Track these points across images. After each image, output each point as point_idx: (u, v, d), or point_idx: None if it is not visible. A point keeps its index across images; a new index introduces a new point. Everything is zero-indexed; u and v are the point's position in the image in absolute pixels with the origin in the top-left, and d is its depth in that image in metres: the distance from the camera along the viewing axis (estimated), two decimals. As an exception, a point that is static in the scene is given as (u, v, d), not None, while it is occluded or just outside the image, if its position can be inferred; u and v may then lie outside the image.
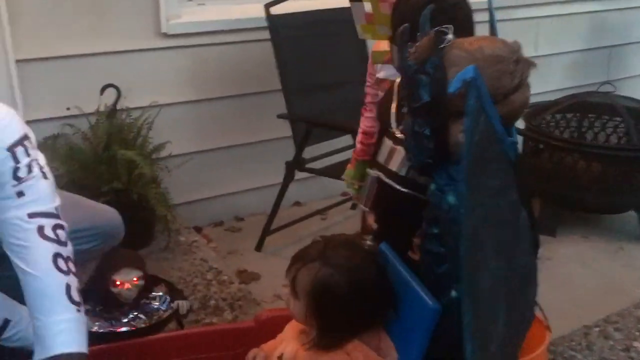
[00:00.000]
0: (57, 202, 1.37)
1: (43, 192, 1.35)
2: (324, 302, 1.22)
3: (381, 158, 1.52)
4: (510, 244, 1.19)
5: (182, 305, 1.77)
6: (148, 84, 2.56)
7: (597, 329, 2.15)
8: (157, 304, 1.76)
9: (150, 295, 1.78)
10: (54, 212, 1.36)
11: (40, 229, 1.31)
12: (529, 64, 1.17)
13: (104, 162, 2.32)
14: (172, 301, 1.78)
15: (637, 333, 2.12)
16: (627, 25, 3.88)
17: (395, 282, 1.30)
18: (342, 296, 1.21)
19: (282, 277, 2.03)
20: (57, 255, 1.31)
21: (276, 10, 2.51)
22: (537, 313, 1.46)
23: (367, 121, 1.90)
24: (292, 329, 1.35)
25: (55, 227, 1.33)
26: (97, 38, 2.43)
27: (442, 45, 1.16)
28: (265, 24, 2.54)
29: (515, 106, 1.16)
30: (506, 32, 1.29)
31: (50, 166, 2.15)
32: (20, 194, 1.31)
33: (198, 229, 2.82)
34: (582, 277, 2.52)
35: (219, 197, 2.93)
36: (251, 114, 2.84)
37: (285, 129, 2.56)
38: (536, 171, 2.87)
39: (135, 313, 1.72)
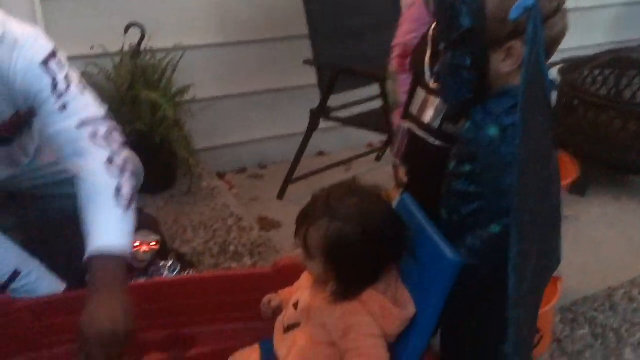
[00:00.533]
0: (104, 108, 1.36)
1: (87, 100, 1.34)
2: (340, 256, 1.19)
3: (414, 109, 1.47)
4: (545, 184, 1.16)
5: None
6: (173, 25, 2.51)
7: (622, 290, 2.10)
8: (166, 272, 1.76)
9: (160, 264, 1.78)
10: (103, 116, 1.34)
11: (92, 137, 1.31)
12: None
13: (127, 103, 2.30)
14: (182, 270, 1.78)
15: (664, 297, 2.08)
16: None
17: (416, 234, 1.26)
18: (357, 245, 1.17)
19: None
20: (110, 160, 1.31)
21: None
22: None
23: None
24: (307, 277, 1.34)
25: (107, 132, 1.32)
26: (121, -25, 2.38)
27: None
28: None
29: (554, 33, 1.13)
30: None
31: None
32: (63, 107, 1.30)
33: (221, 175, 2.81)
34: (610, 239, 2.46)
35: (242, 144, 2.91)
36: (277, 59, 2.78)
37: (311, 76, 2.49)
38: (570, 128, 2.78)
39: (145, 279, 1.72)
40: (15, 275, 1.42)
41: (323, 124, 2.59)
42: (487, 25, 1.10)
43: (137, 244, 1.65)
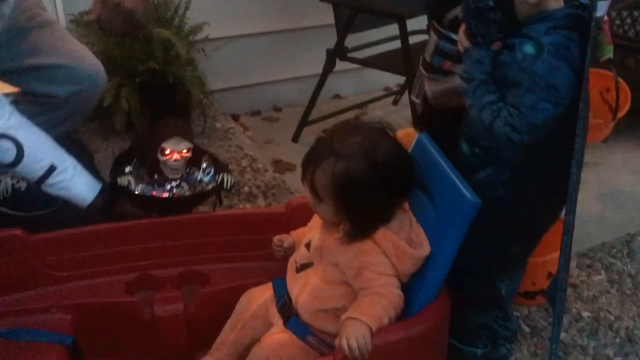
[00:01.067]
0: None
1: None
2: (349, 195, 1.16)
3: (426, 53, 1.44)
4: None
5: (227, 179, 1.68)
6: (186, -40, 2.43)
7: (640, 237, 2.08)
8: (200, 175, 1.69)
9: (194, 166, 1.69)
10: None
11: None
12: None
13: (140, 40, 2.25)
14: (216, 174, 1.70)
15: (683, 244, 2.05)
16: None
17: (434, 174, 1.24)
18: (364, 182, 1.15)
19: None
20: None
21: None
22: None
23: None
24: (319, 218, 1.32)
25: None
26: None
27: None
28: None
29: None
30: None
31: (86, 43, 2.11)
32: None
33: (235, 117, 2.78)
34: (630, 186, 2.41)
35: (257, 85, 2.86)
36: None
37: (328, 16, 2.42)
38: (593, 72, 2.70)
39: (179, 181, 1.66)
40: (51, 170, 1.38)
41: (339, 65, 2.53)
42: None
43: (168, 152, 1.59)
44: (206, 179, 1.67)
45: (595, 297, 1.81)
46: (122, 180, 1.59)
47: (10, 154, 1.33)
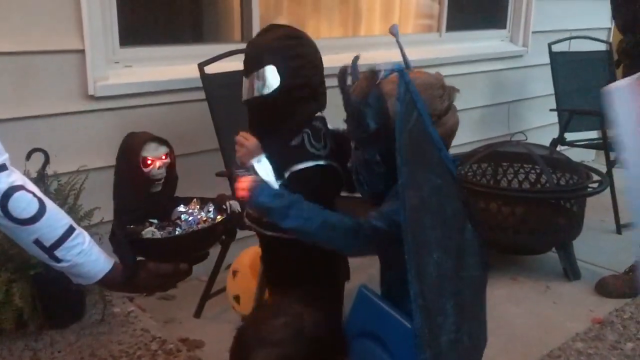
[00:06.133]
0: None
1: None
2: None
3: None
4: (457, 249, 1.27)
5: (233, 204, 1.58)
6: (76, 148, 2.45)
7: (543, 364, 2.23)
8: (203, 214, 1.55)
9: (190, 210, 1.57)
10: None
11: None
12: (453, 89, 1.34)
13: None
14: (219, 207, 1.57)
15: (580, 365, 2.23)
16: (524, 83, 4.25)
17: (385, 324, 1.29)
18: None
19: (227, 342, 1.93)
20: None
21: (210, 69, 2.51)
22: None
23: None
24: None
25: None
26: (21, 101, 2.31)
27: (378, 81, 1.29)
28: (195, 84, 2.53)
29: (449, 126, 1.31)
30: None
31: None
32: None
33: (129, 298, 2.66)
34: (518, 316, 2.62)
35: (150, 264, 2.79)
36: (186, 175, 2.74)
37: (224, 188, 2.51)
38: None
39: (187, 227, 1.52)
40: (71, 230, 1.27)
41: (240, 234, 2.57)
42: (390, 124, 1.22)
43: (150, 161, 1.50)
44: (211, 215, 1.54)
45: None
46: (147, 233, 1.47)
47: (33, 206, 1.23)
